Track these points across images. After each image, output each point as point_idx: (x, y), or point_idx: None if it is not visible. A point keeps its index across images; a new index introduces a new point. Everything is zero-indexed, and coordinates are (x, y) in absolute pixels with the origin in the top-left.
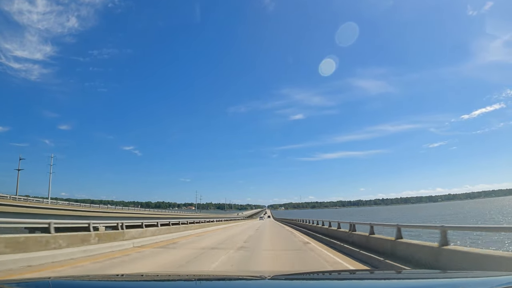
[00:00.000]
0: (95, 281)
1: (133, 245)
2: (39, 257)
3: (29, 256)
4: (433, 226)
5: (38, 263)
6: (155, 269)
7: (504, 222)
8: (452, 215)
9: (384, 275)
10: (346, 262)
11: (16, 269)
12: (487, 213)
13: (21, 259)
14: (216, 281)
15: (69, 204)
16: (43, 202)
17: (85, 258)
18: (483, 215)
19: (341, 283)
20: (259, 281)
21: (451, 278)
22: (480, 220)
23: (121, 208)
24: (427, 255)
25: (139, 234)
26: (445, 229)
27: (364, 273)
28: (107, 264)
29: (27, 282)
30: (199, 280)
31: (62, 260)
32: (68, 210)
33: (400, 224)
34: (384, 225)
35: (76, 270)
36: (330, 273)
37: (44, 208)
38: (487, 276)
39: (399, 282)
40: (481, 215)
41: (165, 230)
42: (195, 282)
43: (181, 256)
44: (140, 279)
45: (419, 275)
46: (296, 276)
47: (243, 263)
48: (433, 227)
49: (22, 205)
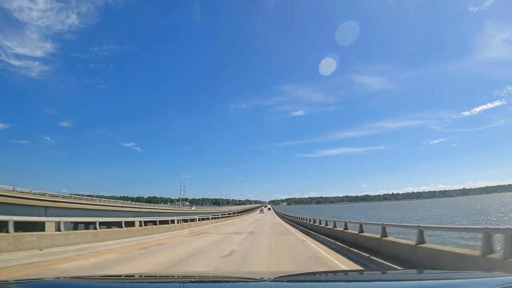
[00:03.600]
0: (95, 281)
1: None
2: (142, 238)
3: (137, 239)
4: (412, 226)
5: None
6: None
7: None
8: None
9: (387, 276)
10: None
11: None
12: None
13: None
14: (216, 283)
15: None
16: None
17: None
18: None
19: (345, 284)
20: (260, 283)
21: (451, 279)
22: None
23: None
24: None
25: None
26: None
27: (368, 274)
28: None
29: (27, 282)
30: (198, 282)
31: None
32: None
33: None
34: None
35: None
36: (334, 274)
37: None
38: (487, 276)
39: (402, 283)
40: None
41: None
42: (194, 283)
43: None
44: (139, 280)
45: (420, 275)
46: (299, 277)
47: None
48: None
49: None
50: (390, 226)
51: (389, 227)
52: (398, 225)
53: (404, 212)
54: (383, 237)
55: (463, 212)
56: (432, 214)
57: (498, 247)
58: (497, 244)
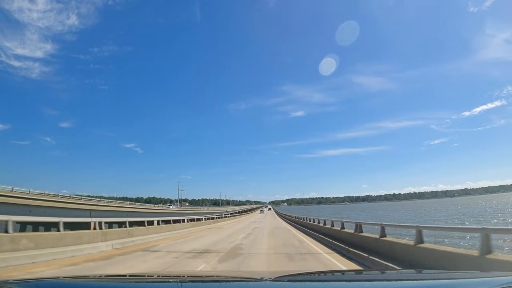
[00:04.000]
0: (95, 281)
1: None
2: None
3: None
4: (410, 226)
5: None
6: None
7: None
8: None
9: (386, 276)
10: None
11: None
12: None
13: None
14: (216, 282)
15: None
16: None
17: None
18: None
19: (345, 284)
20: (260, 282)
21: (451, 279)
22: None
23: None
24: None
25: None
26: (420, 229)
27: (368, 274)
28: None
29: (27, 282)
30: (198, 282)
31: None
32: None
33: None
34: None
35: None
36: (333, 274)
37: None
38: (487, 276)
39: (401, 283)
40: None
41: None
42: (194, 283)
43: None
44: (138, 280)
45: (419, 275)
46: (299, 277)
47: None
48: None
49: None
50: (388, 226)
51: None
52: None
53: (415, 212)
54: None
55: (478, 211)
56: (446, 213)
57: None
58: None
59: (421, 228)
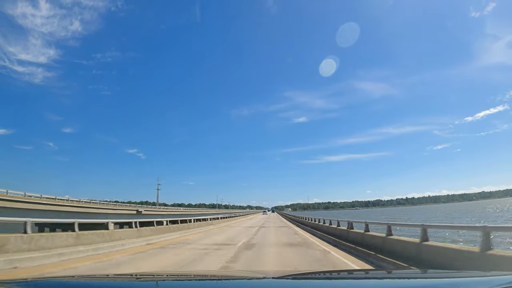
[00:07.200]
0: (95, 281)
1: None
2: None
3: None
4: (416, 224)
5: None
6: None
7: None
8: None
9: (389, 275)
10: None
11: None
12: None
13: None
14: (220, 281)
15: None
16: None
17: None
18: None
19: (349, 282)
20: (264, 280)
21: (451, 278)
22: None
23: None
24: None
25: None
26: (425, 227)
27: (371, 273)
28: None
29: (27, 282)
30: (201, 280)
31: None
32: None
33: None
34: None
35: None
36: (338, 273)
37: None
38: (487, 276)
39: (404, 281)
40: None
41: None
42: (197, 282)
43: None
44: (140, 279)
45: (421, 274)
46: (302, 276)
47: None
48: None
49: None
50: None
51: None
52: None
53: (464, 214)
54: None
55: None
56: (496, 217)
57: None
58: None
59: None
